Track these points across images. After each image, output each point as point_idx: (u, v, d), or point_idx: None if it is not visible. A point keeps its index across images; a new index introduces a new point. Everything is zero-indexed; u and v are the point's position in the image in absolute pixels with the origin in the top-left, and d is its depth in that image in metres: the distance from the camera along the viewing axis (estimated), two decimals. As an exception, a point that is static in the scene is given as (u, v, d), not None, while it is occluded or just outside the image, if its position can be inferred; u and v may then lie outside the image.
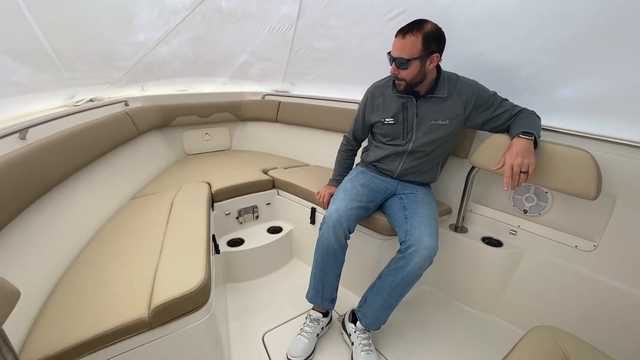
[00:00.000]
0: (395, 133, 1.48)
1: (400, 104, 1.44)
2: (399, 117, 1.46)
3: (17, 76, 1.17)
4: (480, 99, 1.36)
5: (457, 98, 1.37)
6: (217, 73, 2.57)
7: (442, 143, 1.44)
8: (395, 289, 1.27)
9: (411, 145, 1.45)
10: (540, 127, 1.30)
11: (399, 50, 1.24)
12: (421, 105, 1.40)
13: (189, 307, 1.02)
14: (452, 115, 1.38)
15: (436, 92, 1.36)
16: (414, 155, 1.47)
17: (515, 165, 1.17)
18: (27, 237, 1.10)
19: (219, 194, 1.87)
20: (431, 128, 1.41)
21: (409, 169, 1.50)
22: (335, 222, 1.34)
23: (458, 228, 1.73)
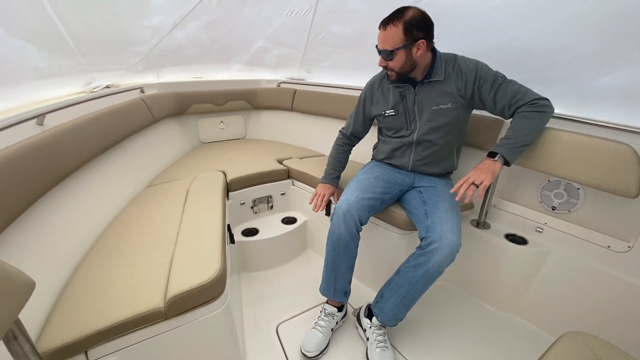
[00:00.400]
0: (399, 124, 1.44)
1: (397, 94, 1.40)
2: (399, 107, 1.41)
3: (33, 60, 1.15)
4: (482, 78, 1.27)
5: (456, 78, 1.29)
6: (232, 59, 2.52)
7: (450, 128, 1.37)
8: (414, 286, 1.23)
9: (416, 134, 1.39)
10: (540, 127, 1.26)
11: (382, 42, 1.23)
12: (419, 92, 1.35)
13: (204, 299, 1.01)
14: (453, 97, 1.31)
15: (432, 76, 1.30)
16: (422, 145, 1.42)
17: (470, 178, 1.20)
18: (43, 225, 1.10)
19: (234, 183, 1.85)
20: (434, 114, 1.35)
21: (421, 160, 1.44)
22: (345, 212, 1.30)
23: (480, 224, 1.66)
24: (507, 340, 1.44)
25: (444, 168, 1.47)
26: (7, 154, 0.97)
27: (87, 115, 1.49)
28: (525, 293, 1.53)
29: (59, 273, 1.07)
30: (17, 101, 1.21)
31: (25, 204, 0.98)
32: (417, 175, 1.48)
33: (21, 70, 1.13)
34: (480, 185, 1.17)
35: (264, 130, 2.94)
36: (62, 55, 1.32)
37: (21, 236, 0.99)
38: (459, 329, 1.50)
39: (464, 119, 1.39)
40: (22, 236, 1.00)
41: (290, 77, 2.83)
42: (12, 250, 0.94)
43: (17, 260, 0.94)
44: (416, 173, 1.49)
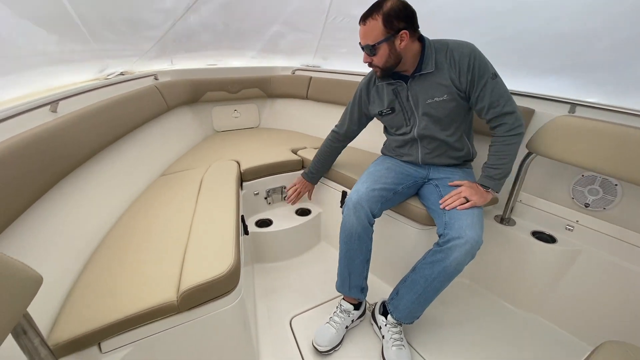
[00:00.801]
0: (398, 122, 1.39)
1: (391, 91, 1.34)
2: (395, 105, 1.36)
3: (43, 45, 1.12)
4: (475, 68, 1.18)
5: (449, 68, 1.21)
6: (246, 46, 2.46)
7: (450, 120, 1.30)
8: (431, 284, 1.18)
9: (416, 130, 1.34)
10: (512, 159, 1.25)
11: (363, 38, 1.19)
12: (412, 87, 1.28)
13: (217, 293, 0.98)
14: (447, 88, 1.23)
15: (423, 68, 1.24)
16: (426, 140, 1.36)
17: (463, 193, 1.22)
18: (56, 215, 1.08)
19: (247, 173, 1.81)
20: (429, 107, 1.28)
21: (430, 154, 1.38)
22: (355, 203, 1.26)
23: (504, 220, 1.57)
24: (530, 342, 1.37)
25: (459, 157, 1.39)
26: (20, 141, 0.95)
27: (101, 102, 1.47)
28: (552, 294, 1.45)
29: (71, 264, 1.06)
30: (30, 87, 1.19)
31: (37, 193, 0.96)
32: (432, 167, 1.42)
33: (31, 55, 1.10)
34: (469, 202, 1.19)
35: (278, 119, 2.88)
36: (73, 40, 1.28)
37: (33, 226, 0.98)
38: (479, 328, 1.44)
39: (464, 108, 1.30)
40: (34, 226, 0.98)
41: (306, 64, 2.74)
42: (24, 241, 0.92)
43: (29, 251, 0.93)
44: (430, 165, 1.42)
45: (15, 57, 1.01)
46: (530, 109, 1.47)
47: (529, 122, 1.48)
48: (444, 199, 1.24)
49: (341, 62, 2.47)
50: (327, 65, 2.61)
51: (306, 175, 1.82)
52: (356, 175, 1.66)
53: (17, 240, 0.90)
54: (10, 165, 0.88)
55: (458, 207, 1.18)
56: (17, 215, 0.88)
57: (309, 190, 1.90)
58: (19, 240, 0.90)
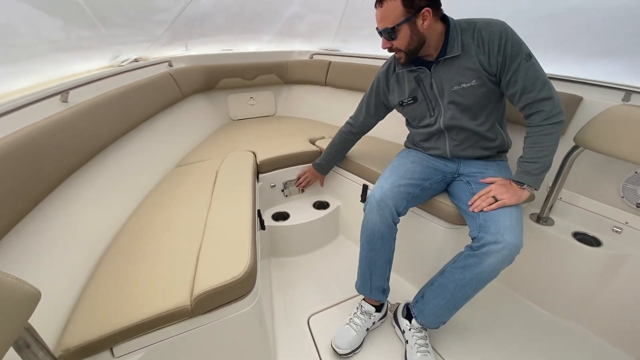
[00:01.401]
0: (421, 113, 1.27)
1: (413, 79, 1.22)
2: (417, 94, 1.23)
3: (47, 31, 1.05)
4: (508, 48, 1.04)
5: (476, 50, 1.08)
6: (263, 29, 2.33)
7: (480, 108, 1.16)
8: (461, 290, 1.08)
9: (442, 121, 1.21)
10: (553, 151, 1.10)
11: (381, 21, 1.08)
12: (436, 73, 1.16)
13: (232, 296, 0.93)
14: (476, 72, 1.09)
15: (448, 51, 1.11)
16: (453, 131, 1.23)
17: (493, 191, 1.11)
18: (64, 213, 1.04)
19: (264, 165, 1.74)
20: (456, 95, 1.15)
21: (459, 146, 1.25)
22: (378, 201, 1.17)
23: (542, 219, 1.44)
24: (567, 353, 1.27)
25: (492, 148, 1.26)
26: (27, 135, 0.90)
27: (113, 91, 1.42)
28: (594, 301, 1.32)
29: (81, 266, 1.02)
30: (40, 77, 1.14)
31: (45, 191, 0.92)
32: (462, 160, 1.29)
33: (36, 43, 1.03)
34: (499, 201, 1.07)
35: (295, 106, 2.77)
36: (80, 25, 1.21)
37: (41, 226, 0.94)
38: (511, 335, 1.34)
39: (496, 93, 1.16)
40: (42, 226, 0.94)
41: (324, 47, 2.60)
42: (31, 241, 0.89)
43: (36, 252, 0.89)
44: (460, 158, 1.29)
45: (18, 45, 0.95)
46: (577, 97, 1.31)
47: (575, 111, 1.33)
48: (472, 199, 1.13)
49: (363, 45, 2.32)
50: (347, 49, 2.46)
51: (316, 165, 1.76)
52: (378, 168, 1.57)
53: (25, 240, 0.87)
54: (17, 160, 0.83)
55: (485, 208, 1.07)
56: (24, 215, 0.84)
57: (319, 180, 1.86)
58: (26, 241, 0.87)
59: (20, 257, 0.83)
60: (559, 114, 1.06)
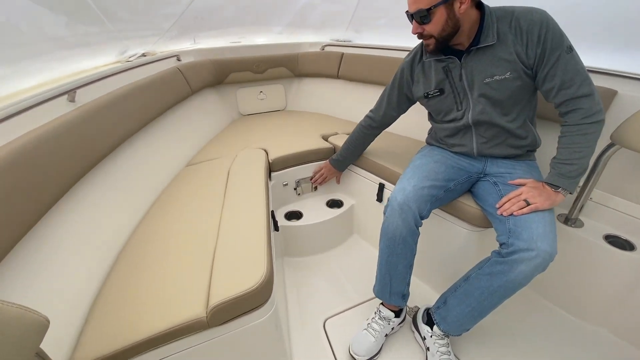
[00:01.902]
0: (447, 106, 1.18)
1: (440, 69, 1.13)
2: (444, 85, 1.15)
3: (51, 28, 1.00)
4: (548, 40, 0.95)
5: (514, 40, 0.99)
6: (273, 20, 2.25)
7: (513, 102, 1.08)
8: (488, 298, 1.02)
9: (470, 115, 1.13)
10: (591, 152, 1.01)
11: (414, 3, 0.98)
12: (467, 63, 1.07)
13: (249, 306, 0.89)
14: (511, 64, 1.01)
15: (482, 40, 1.02)
16: (482, 127, 1.15)
17: (524, 194, 1.02)
18: (72, 221, 1.00)
19: (276, 163, 1.69)
20: (488, 88, 1.06)
21: (488, 143, 1.17)
22: (401, 204, 1.10)
23: (570, 220, 1.36)
24: (593, 358, 1.21)
25: (522, 147, 1.18)
26: (36, 137, 0.87)
27: (122, 88, 1.37)
28: (625, 307, 1.25)
29: (91, 276, 0.99)
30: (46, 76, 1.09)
31: (54, 198, 0.88)
32: (488, 159, 1.21)
33: (39, 41, 0.98)
34: (531, 205, 0.99)
35: (306, 100, 2.69)
36: (85, 21, 1.16)
37: (49, 234, 0.90)
38: (535, 340, 1.28)
39: (530, 88, 1.07)
40: (50, 234, 0.91)
41: (336, 38, 2.50)
42: (40, 252, 0.85)
43: (45, 264, 0.86)
44: (486, 157, 1.21)
45: (20, 44, 0.90)
46: (611, 90, 1.21)
47: (609, 105, 1.23)
48: (501, 202, 1.05)
49: (377, 36, 2.21)
50: (360, 40, 2.36)
51: (333, 161, 1.70)
52: (396, 167, 1.50)
53: (30, 254, 0.83)
54: (23, 168, 0.79)
55: (516, 212, 0.99)
56: (29, 228, 0.81)
57: (336, 176, 1.80)
58: (31, 254, 0.83)
59: (26, 272, 0.80)
60: (599, 113, 0.97)
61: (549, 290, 1.44)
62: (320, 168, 1.77)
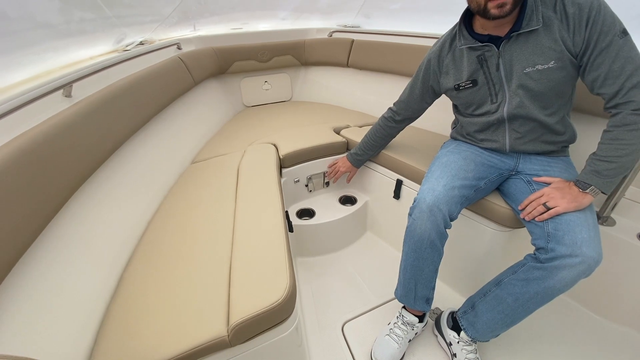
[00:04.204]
0: (480, 98, 1.08)
1: (475, 58, 1.03)
2: (478, 76, 1.04)
3: (43, 15, 0.88)
4: (598, 23, 0.85)
5: (559, 25, 0.89)
6: (279, 4, 2.10)
7: (555, 96, 0.98)
8: (523, 305, 0.95)
9: (506, 109, 1.03)
10: (636, 152, 0.89)
11: None
12: (505, 51, 0.97)
13: (272, 322, 0.82)
14: (556, 52, 0.91)
15: (524, 24, 0.92)
16: (517, 122, 1.05)
17: (544, 197, 0.94)
18: (74, 232, 0.91)
19: (287, 159, 1.59)
20: (528, 78, 0.96)
21: (522, 139, 1.08)
22: (431, 206, 1.02)
23: (602, 218, 1.28)
24: None
25: (559, 143, 1.09)
26: (32, 139, 0.77)
27: (121, 81, 1.26)
28: None
29: (99, 292, 0.90)
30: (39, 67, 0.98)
31: (54, 208, 0.80)
32: (521, 156, 1.12)
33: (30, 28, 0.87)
34: (551, 209, 0.91)
35: (314, 90, 2.57)
36: (80, 6, 1.04)
37: (51, 248, 0.82)
38: (565, 343, 1.23)
39: (574, 79, 0.97)
40: (53, 248, 0.82)
41: (344, 24, 2.37)
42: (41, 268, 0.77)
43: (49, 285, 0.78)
44: (519, 153, 1.12)
45: (8, 33, 0.79)
46: None
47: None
48: (524, 204, 0.98)
49: (389, 21, 2.08)
50: (370, 25, 2.23)
51: (351, 156, 1.60)
52: (415, 162, 1.41)
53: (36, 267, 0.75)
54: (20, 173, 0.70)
55: (537, 218, 0.93)
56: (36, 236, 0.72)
57: (350, 173, 1.68)
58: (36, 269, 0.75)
59: (28, 290, 0.72)
60: None
61: (576, 291, 1.37)
62: (334, 163, 1.68)
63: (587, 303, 1.36)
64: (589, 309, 1.35)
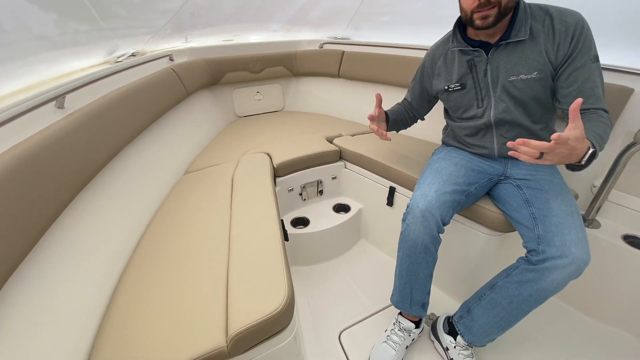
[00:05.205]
0: (467, 102, 1.12)
1: (465, 62, 1.07)
2: (467, 80, 1.09)
3: (39, 27, 0.88)
4: (580, 42, 0.91)
5: (545, 38, 0.95)
6: (272, 17, 2.14)
7: (537, 105, 1.04)
8: (518, 307, 0.98)
9: (492, 114, 1.07)
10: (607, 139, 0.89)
11: None
12: (493, 58, 1.02)
13: (270, 332, 0.81)
14: (540, 63, 0.96)
15: (512, 34, 0.97)
16: (505, 127, 1.10)
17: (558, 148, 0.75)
18: (69, 244, 0.90)
19: (281, 168, 1.60)
20: (511, 86, 1.02)
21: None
22: (424, 211, 1.04)
23: (587, 221, 1.33)
24: None
25: None
26: (25, 151, 0.76)
27: (114, 92, 1.26)
28: None
29: (94, 304, 0.89)
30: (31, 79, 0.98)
31: (45, 224, 0.78)
32: (510, 161, 1.16)
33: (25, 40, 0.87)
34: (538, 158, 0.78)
35: (305, 100, 2.60)
36: (75, 18, 1.04)
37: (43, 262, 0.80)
38: (556, 344, 1.26)
39: (552, 90, 1.02)
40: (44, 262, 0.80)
41: (334, 36, 2.42)
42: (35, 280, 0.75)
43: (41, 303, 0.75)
44: (507, 159, 1.16)
45: (3, 44, 0.79)
46: (628, 88, 1.19)
47: (625, 103, 1.21)
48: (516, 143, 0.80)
49: (378, 33, 2.14)
50: (360, 37, 2.29)
51: None
52: (407, 169, 1.44)
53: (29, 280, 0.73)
54: (10, 188, 0.69)
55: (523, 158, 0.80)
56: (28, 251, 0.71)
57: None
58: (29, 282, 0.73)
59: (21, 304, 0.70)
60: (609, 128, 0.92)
61: (567, 293, 1.41)
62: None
63: (579, 305, 1.39)
64: (581, 311, 1.38)
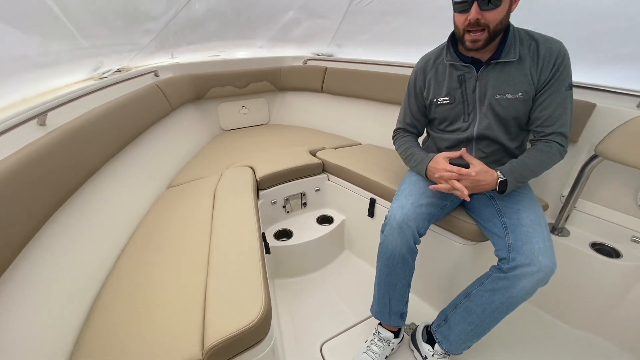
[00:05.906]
0: (454, 115, 1.17)
1: (456, 77, 1.12)
2: (456, 94, 1.14)
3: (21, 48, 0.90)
4: (560, 71, 1.00)
5: (530, 63, 1.02)
6: (256, 35, 2.21)
7: (516, 124, 1.11)
8: (491, 315, 1.01)
9: (476, 128, 1.13)
10: (541, 169, 1.07)
11: None
12: (483, 76, 1.08)
13: (247, 344, 0.83)
14: (525, 86, 1.03)
15: (502, 55, 1.03)
16: (484, 142, 1.15)
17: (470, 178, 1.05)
18: (49, 258, 0.90)
19: (264, 181, 1.63)
20: (497, 104, 1.08)
21: (487, 159, 1.17)
22: (400, 223, 1.08)
23: (557, 229, 1.40)
24: None
25: None
26: (4, 170, 0.77)
27: (97, 109, 1.28)
28: (613, 312, 1.29)
29: (71, 316, 0.89)
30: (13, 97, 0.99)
31: (29, 232, 0.79)
32: None
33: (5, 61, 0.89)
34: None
35: (290, 114, 2.66)
36: (58, 39, 1.07)
37: (24, 275, 0.80)
38: (533, 350, 1.30)
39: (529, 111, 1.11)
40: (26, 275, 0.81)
41: (317, 52, 2.50)
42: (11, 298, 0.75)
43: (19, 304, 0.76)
44: None
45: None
46: (590, 104, 1.27)
47: (587, 118, 1.29)
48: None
49: (359, 50, 2.24)
50: (342, 54, 2.38)
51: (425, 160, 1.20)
52: (387, 182, 1.49)
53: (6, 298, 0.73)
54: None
55: None
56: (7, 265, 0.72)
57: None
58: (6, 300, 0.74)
59: None
60: (565, 152, 1.06)
61: (541, 300, 1.46)
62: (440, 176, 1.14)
63: (554, 312, 1.43)
64: (555, 317, 1.42)
